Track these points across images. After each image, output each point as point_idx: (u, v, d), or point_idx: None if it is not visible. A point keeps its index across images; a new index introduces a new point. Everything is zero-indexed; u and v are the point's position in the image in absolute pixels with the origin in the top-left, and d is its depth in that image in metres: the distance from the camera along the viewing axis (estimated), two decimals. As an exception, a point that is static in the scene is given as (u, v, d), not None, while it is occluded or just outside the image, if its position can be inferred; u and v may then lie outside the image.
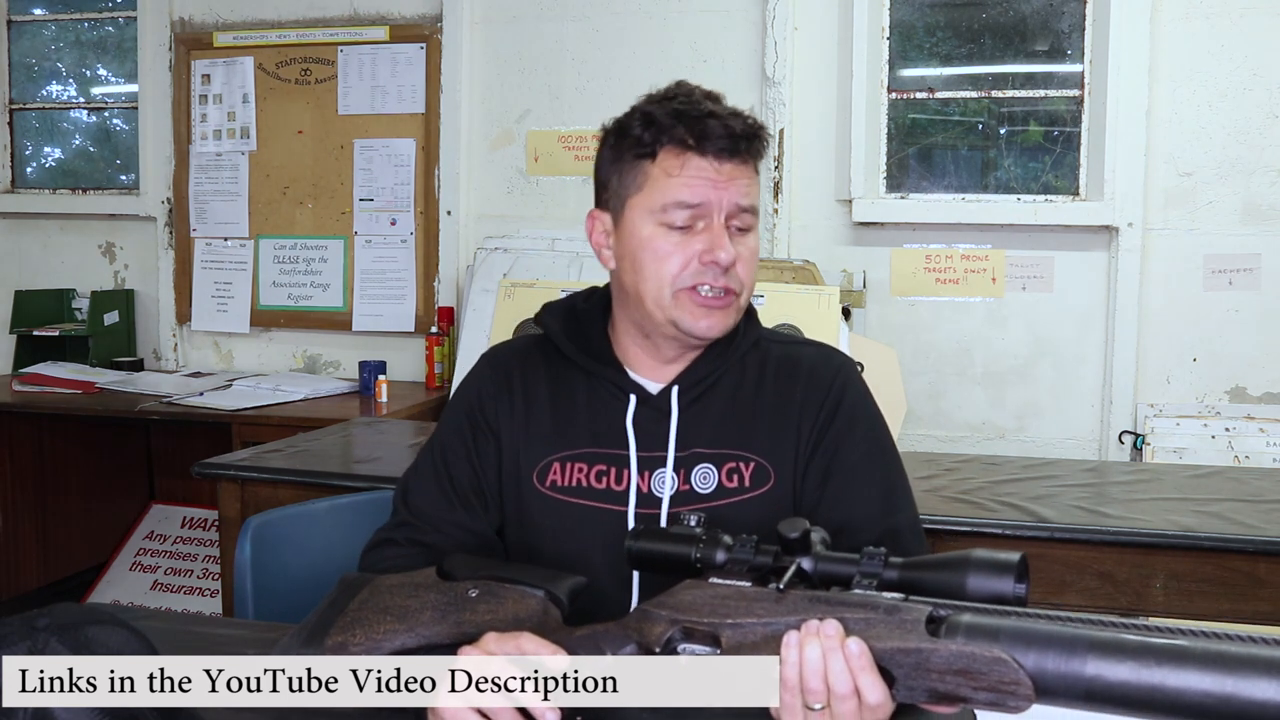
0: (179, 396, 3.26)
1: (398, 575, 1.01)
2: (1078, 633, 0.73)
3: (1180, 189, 3.17)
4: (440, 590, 0.97)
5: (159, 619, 1.29)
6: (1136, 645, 0.71)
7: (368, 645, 0.96)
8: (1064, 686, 0.73)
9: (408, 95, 3.71)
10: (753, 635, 0.85)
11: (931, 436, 3.35)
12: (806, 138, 3.40)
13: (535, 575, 0.98)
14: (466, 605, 0.96)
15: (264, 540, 1.51)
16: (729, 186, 1.13)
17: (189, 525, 3.91)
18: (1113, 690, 0.71)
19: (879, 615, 0.81)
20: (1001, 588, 0.78)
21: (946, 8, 3.43)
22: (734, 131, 1.12)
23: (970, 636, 0.77)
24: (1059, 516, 1.94)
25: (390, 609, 0.97)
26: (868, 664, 0.79)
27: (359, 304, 3.79)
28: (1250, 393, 3.17)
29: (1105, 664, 0.71)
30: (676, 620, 0.88)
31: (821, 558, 0.86)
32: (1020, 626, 0.75)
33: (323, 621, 0.98)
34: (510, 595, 0.96)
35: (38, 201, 4.14)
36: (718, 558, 0.89)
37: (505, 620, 0.95)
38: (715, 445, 1.16)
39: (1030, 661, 0.74)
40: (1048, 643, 0.74)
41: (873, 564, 0.83)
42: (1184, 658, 0.69)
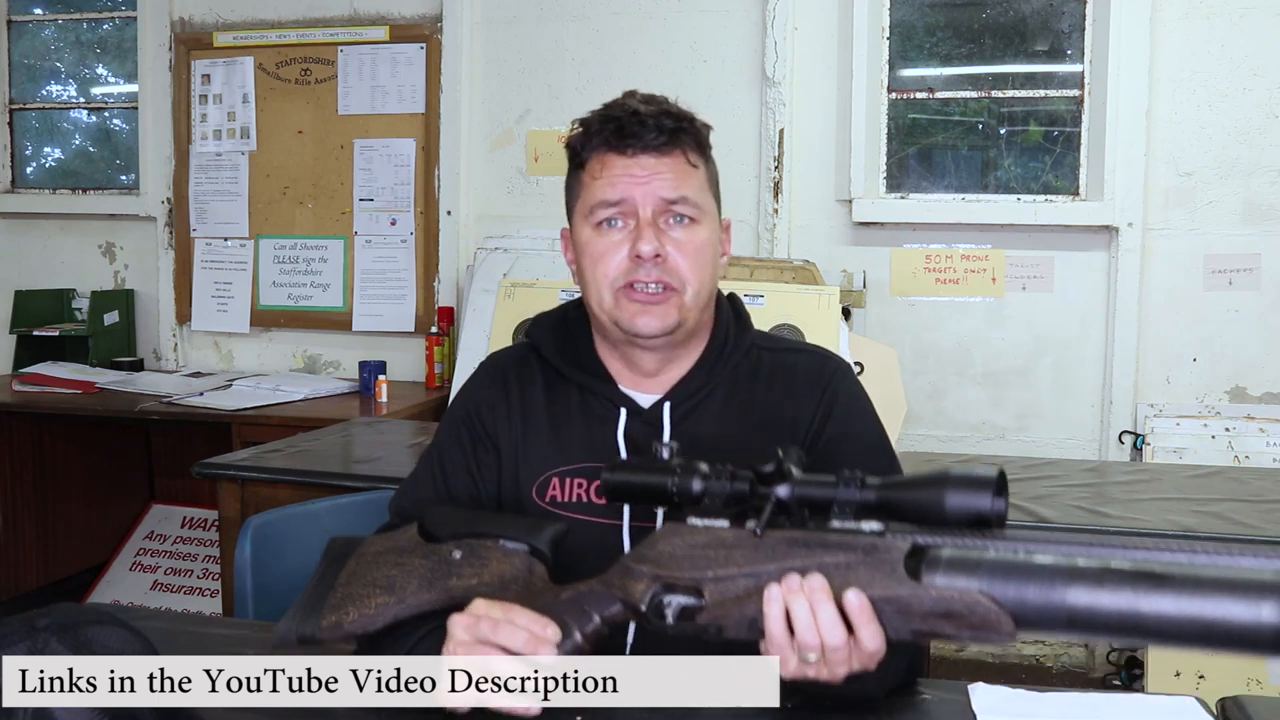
0: (179, 396, 3.26)
1: (381, 539, 1.01)
2: (1058, 565, 0.73)
3: (1180, 189, 3.18)
4: (424, 555, 0.97)
5: (159, 619, 1.29)
6: (1116, 573, 0.71)
7: (362, 622, 0.96)
8: (1045, 619, 0.73)
9: (408, 95, 3.71)
10: (735, 588, 0.85)
11: (931, 436, 3.35)
12: (806, 138, 3.40)
13: (516, 528, 0.97)
14: (452, 569, 0.96)
15: (264, 540, 1.51)
16: (651, 181, 1.12)
17: (189, 525, 3.91)
18: (1093, 619, 0.71)
19: (858, 558, 0.81)
20: (980, 504, 0.77)
21: (946, 8, 3.43)
22: (651, 126, 1.12)
23: (950, 577, 0.77)
24: (1059, 516, 1.94)
25: (378, 581, 0.97)
26: (869, 617, 0.79)
27: (359, 304, 3.79)
28: (1250, 393, 3.17)
29: (1085, 593, 0.71)
30: (659, 576, 0.88)
31: (799, 483, 0.85)
32: (999, 563, 0.75)
33: (315, 598, 0.98)
34: (493, 555, 0.96)
35: (38, 201, 4.14)
36: (694, 487, 0.89)
37: (491, 583, 0.94)
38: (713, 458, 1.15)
39: (1010, 598, 0.74)
40: (1027, 578, 0.74)
41: (849, 489, 0.83)
42: (1163, 582, 0.69)
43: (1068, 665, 3.34)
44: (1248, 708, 0.99)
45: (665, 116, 1.13)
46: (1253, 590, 0.66)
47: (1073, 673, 3.31)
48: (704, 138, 1.17)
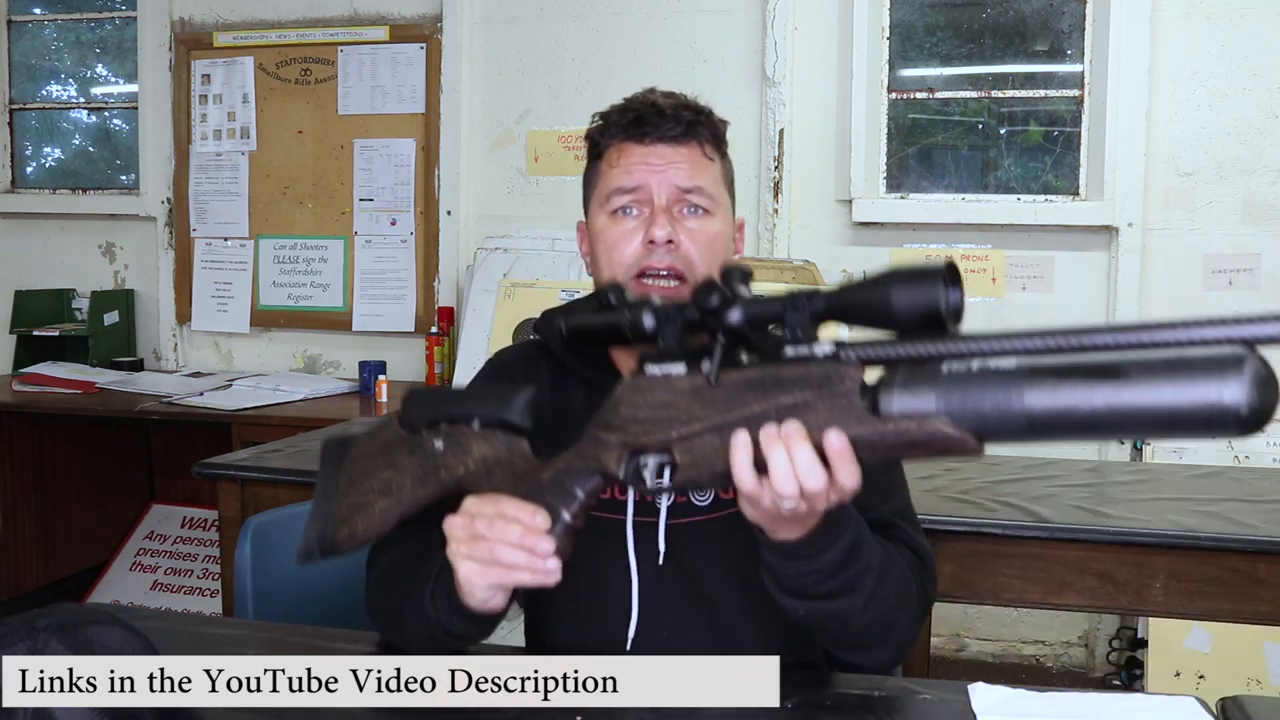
0: (179, 396, 3.26)
1: (368, 439, 1.02)
2: (1012, 373, 0.72)
3: (1180, 189, 3.17)
4: (411, 450, 0.99)
5: (159, 619, 1.29)
6: (1071, 371, 0.70)
7: (372, 528, 1.00)
8: (1007, 430, 0.73)
9: (408, 95, 3.71)
10: (703, 446, 0.85)
11: (931, 436, 3.34)
12: (806, 138, 3.40)
13: (486, 402, 0.98)
14: (438, 461, 0.98)
15: (264, 540, 1.51)
16: (667, 170, 1.13)
17: (189, 525, 3.91)
18: (1054, 421, 0.70)
19: (814, 394, 0.80)
20: (930, 298, 0.75)
21: (946, 8, 3.43)
22: (669, 116, 1.13)
23: (907, 403, 0.76)
24: (1059, 516, 1.94)
25: (375, 486, 1.00)
26: (849, 458, 0.79)
27: (359, 304, 3.79)
28: (1250, 393, 3.17)
29: (1042, 396, 0.70)
30: (627, 443, 0.89)
31: (748, 304, 0.85)
32: (954, 382, 0.74)
33: (325, 510, 1.02)
34: (473, 439, 0.97)
35: (38, 201, 4.14)
36: (646, 321, 0.90)
37: (476, 470, 0.96)
38: None
39: (969, 416, 0.73)
40: (982, 392, 0.73)
41: (797, 308, 0.82)
42: (1120, 375, 0.68)
43: (1068, 665, 3.34)
44: (1248, 708, 0.99)
45: (683, 108, 1.15)
46: (1212, 373, 0.65)
47: (1073, 673, 3.31)
48: (720, 132, 1.19)
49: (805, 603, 0.95)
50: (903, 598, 1.01)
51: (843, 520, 0.93)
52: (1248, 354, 0.65)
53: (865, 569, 0.95)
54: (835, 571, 0.93)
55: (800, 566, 0.92)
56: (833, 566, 0.93)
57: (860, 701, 1.01)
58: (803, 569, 0.92)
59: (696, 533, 1.13)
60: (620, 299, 0.93)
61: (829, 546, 0.92)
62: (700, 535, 1.13)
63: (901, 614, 1.01)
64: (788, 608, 0.96)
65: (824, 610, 0.95)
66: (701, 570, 1.13)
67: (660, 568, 1.13)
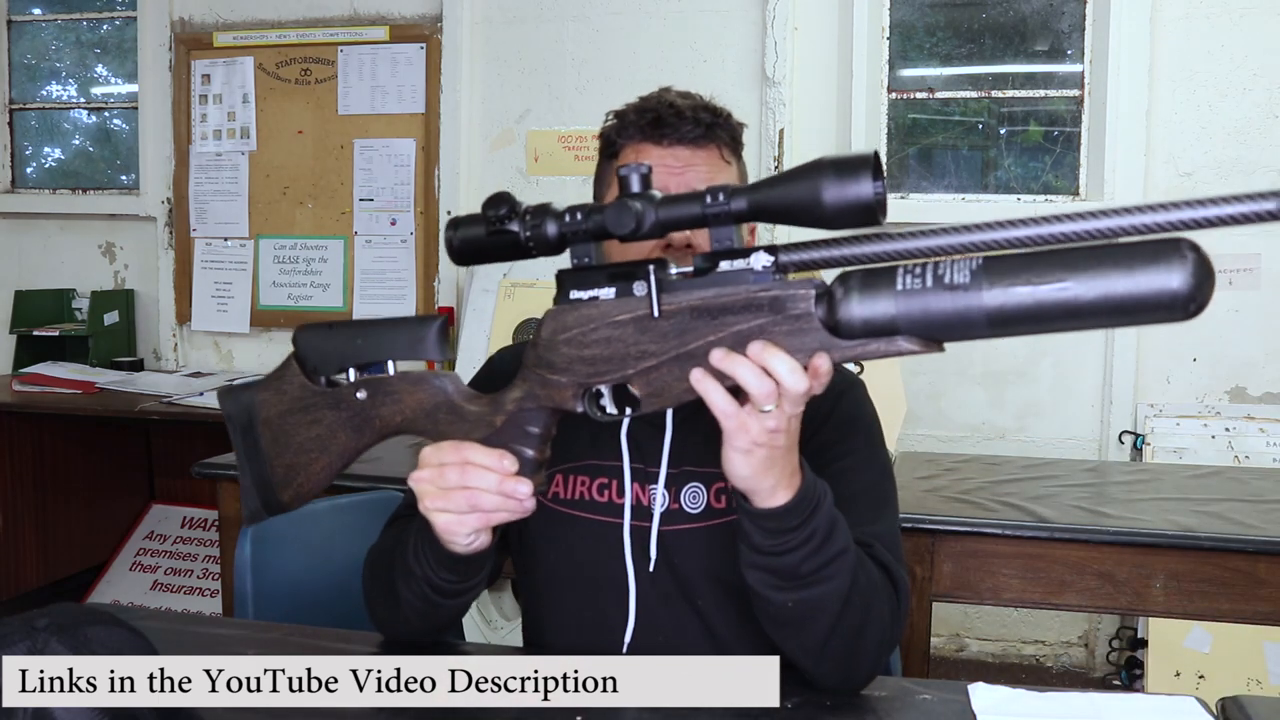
0: (179, 396, 3.26)
1: (271, 395, 0.97)
2: (967, 284, 0.73)
3: (1180, 189, 3.17)
4: (331, 405, 0.94)
5: (159, 619, 1.29)
6: (1023, 266, 0.72)
7: (316, 484, 0.97)
8: (968, 332, 0.74)
9: (408, 95, 3.71)
10: (664, 377, 0.83)
11: (931, 436, 3.35)
12: (806, 138, 3.40)
13: (397, 341, 0.93)
14: (369, 412, 0.94)
15: (264, 540, 1.51)
16: (685, 172, 1.12)
17: (189, 525, 3.91)
18: (1009, 319, 0.72)
19: (769, 317, 0.80)
20: (860, 192, 0.74)
21: (946, 8, 3.43)
22: (688, 118, 1.12)
23: (865, 307, 0.76)
24: (1059, 516, 1.94)
25: (306, 446, 0.96)
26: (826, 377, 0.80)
27: (359, 304, 3.79)
28: (1250, 393, 3.17)
29: (997, 296, 0.72)
30: (580, 384, 0.86)
31: (662, 204, 0.82)
32: (911, 299, 0.74)
33: (259, 475, 0.98)
34: (400, 387, 0.92)
35: (38, 201, 4.14)
36: (550, 231, 0.85)
37: (415, 416, 0.93)
38: (705, 464, 1.13)
39: (932, 329, 0.75)
40: (940, 306, 0.74)
41: (717, 211, 0.80)
42: (1072, 268, 0.70)
43: (1068, 665, 3.34)
44: (1248, 708, 0.99)
45: (702, 110, 1.14)
46: (1160, 260, 0.68)
47: (1073, 673, 3.31)
48: (738, 135, 1.18)
49: (792, 592, 0.94)
50: (873, 597, 1.00)
51: (819, 488, 0.93)
52: (1185, 240, 0.68)
53: (844, 549, 0.95)
54: (821, 545, 0.93)
55: (790, 540, 0.92)
56: (819, 539, 0.92)
57: (860, 701, 1.01)
58: (793, 541, 0.92)
59: (689, 540, 1.13)
60: (513, 207, 0.86)
61: (813, 512, 0.92)
62: (692, 542, 1.13)
63: (872, 621, 0.99)
64: (775, 602, 0.96)
65: (809, 599, 0.94)
66: (694, 577, 1.13)
67: (654, 574, 1.13)
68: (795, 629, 0.97)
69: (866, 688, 1.03)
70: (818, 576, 0.94)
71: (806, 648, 0.99)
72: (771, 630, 1.00)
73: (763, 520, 0.92)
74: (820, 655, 0.98)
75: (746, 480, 0.88)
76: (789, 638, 0.99)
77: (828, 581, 0.94)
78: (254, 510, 0.99)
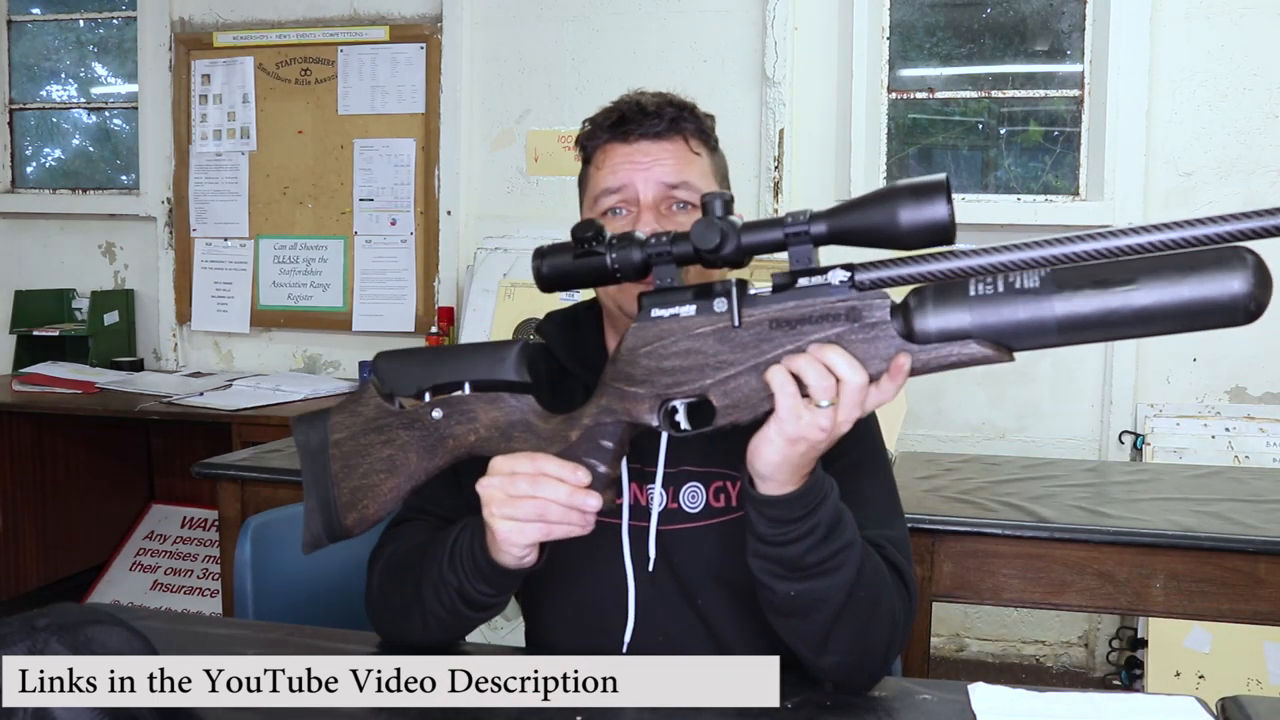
0: (179, 396, 3.26)
1: (347, 418, 0.98)
2: (1038, 289, 0.76)
3: (1180, 189, 3.17)
4: (406, 424, 0.95)
5: (159, 619, 1.29)
6: (1092, 277, 0.75)
7: (381, 507, 0.97)
8: (1039, 340, 0.77)
9: (408, 95, 3.71)
10: (742, 388, 0.85)
11: (931, 436, 3.35)
12: (807, 138, 3.40)
13: (478, 364, 0.95)
14: (443, 432, 0.94)
15: (264, 540, 1.51)
16: (652, 166, 1.12)
17: (189, 525, 3.91)
18: (1080, 326, 0.76)
19: (845, 326, 0.82)
20: (937, 214, 0.78)
21: (946, 8, 3.43)
22: (652, 113, 1.13)
23: (941, 319, 0.79)
24: (1059, 516, 1.94)
25: (377, 466, 0.96)
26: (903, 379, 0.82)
27: (359, 304, 3.79)
28: (1250, 393, 3.17)
29: (1068, 305, 0.76)
30: (660, 395, 0.88)
31: (746, 232, 0.85)
32: (985, 307, 0.78)
33: (323, 499, 0.98)
34: (477, 406, 0.94)
35: (38, 201, 4.14)
36: (635, 257, 0.89)
37: (490, 435, 0.94)
38: (703, 464, 1.14)
39: (1004, 336, 0.78)
40: (1013, 313, 0.77)
41: (798, 235, 0.83)
42: (1137, 277, 0.74)
43: (1068, 665, 3.34)
44: (1248, 708, 0.99)
45: (667, 105, 1.14)
46: (1222, 266, 0.72)
47: (1073, 673, 3.31)
48: (706, 126, 1.18)
49: (795, 583, 0.95)
50: (881, 593, 1.00)
51: (826, 483, 0.94)
52: (1247, 250, 0.73)
53: (849, 544, 0.95)
54: (824, 538, 0.93)
55: (794, 530, 0.92)
56: (823, 532, 0.93)
57: (860, 701, 1.01)
58: (796, 531, 0.92)
59: (688, 538, 1.13)
60: (600, 235, 0.90)
61: (818, 505, 0.92)
62: (691, 541, 1.13)
63: (879, 618, 0.99)
64: (778, 592, 0.96)
65: (811, 591, 0.94)
66: (693, 576, 1.12)
67: (654, 573, 1.13)
68: (798, 619, 0.98)
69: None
70: (821, 568, 0.94)
71: (808, 639, 0.99)
72: (774, 620, 1.00)
73: (767, 508, 0.92)
74: (822, 647, 0.98)
75: (768, 466, 0.89)
76: (791, 628, 0.99)
77: (831, 574, 0.94)
78: (315, 536, 0.99)
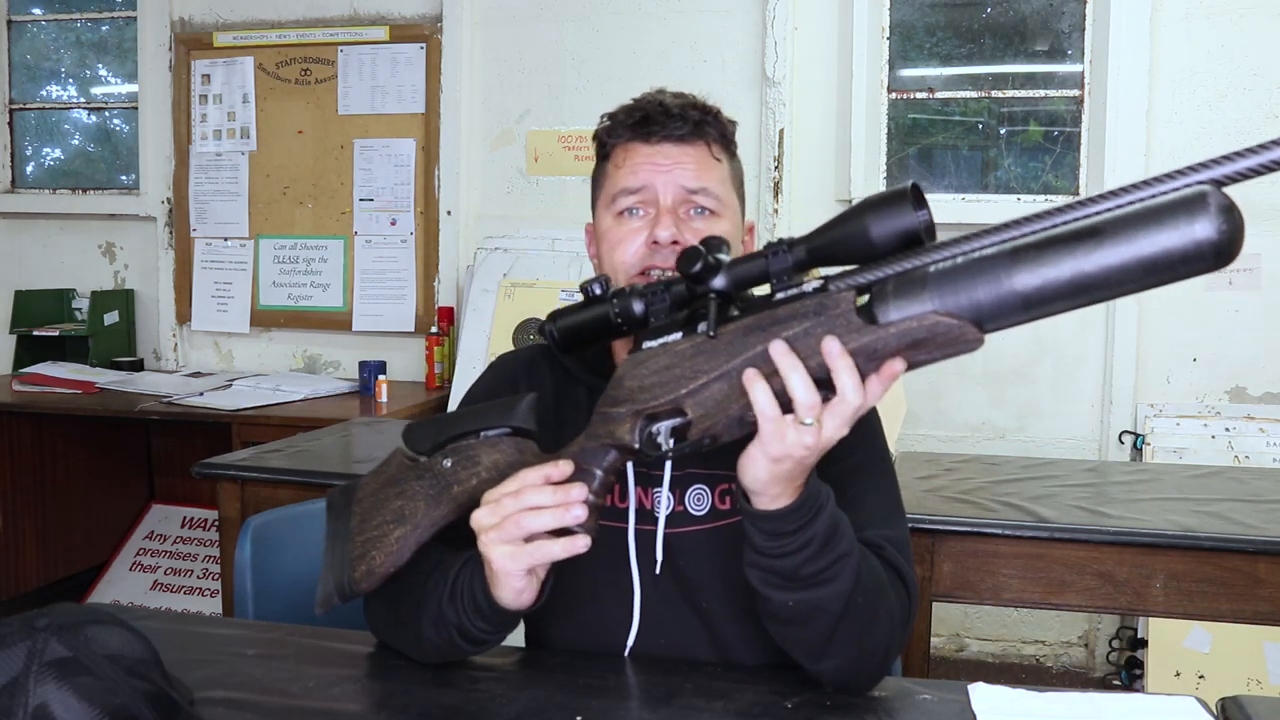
0: (179, 396, 3.26)
1: (374, 477, 1.02)
2: (995, 256, 0.74)
3: (1180, 189, 3.17)
4: (419, 475, 0.99)
5: (159, 619, 1.29)
6: (1052, 243, 0.72)
7: (390, 560, 0.99)
8: (1003, 311, 0.75)
9: (408, 95, 3.71)
10: (714, 393, 0.86)
11: (931, 436, 3.35)
12: (806, 138, 3.40)
13: (490, 415, 0.99)
14: (450, 479, 0.98)
15: (264, 540, 1.51)
16: (673, 170, 1.12)
17: (189, 525, 3.91)
18: (1046, 294, 0.73)
19: (812, 321, 0.82)
20: (904, 222, 0.79)
21: (946, 8, 3.43)
22: (676, 116, 1.12)
23: (901, 307, 0.78)
24: (1059, 516, 1.94)
25: (388, 517, 0.99)
26: (848, 362, 0.81)
27: (359, 304, 3.79)
28: (1250, 393, 3.17)
29: (1030, 274, 0.73)
30: (637, 410, 0.90)
31: (730, 267, 0.88)
32: (941, 276, 0.76)
33: (339, 555, 1.01)
34: (480, 449, 0.97)
35: (38, 201, 4.14)
36: (635, 308, 0.93)
37: (490, 477, 0.96)
38: (709, 465, 1.13)
39: (964, 306, 0.75)
40: (971, 281, 0.75)
41: (779, 258, 0.86)
42: (1098, 236, 0.71)
43: (1068, 665, 3.34)
44: (1248, 708, 0.99)
45: (691, 108, 1.14)
46: (1180, 214, 0.68)
47: (1073, 673, 3.31)
48: (729, 132, 1.18)
49: (793, 593, 0.94)
50: (879, 598, 1.00)
51: (822, 495, 0.94)
52: (1209, 189, 0.70)
53: (846, 553, 0.95)
54: (820, 550, 0.93)
55: (789, 543, 0.92)
56: (819, 544, 0.93)
57: (860, 701, 1.00)
58: (792, 545, 0.92)
59: (693, 542, 1.12)
60: (605, 288, 0.94)
61: (813, 518, 0.92)
62: (697, 544, 1.12)
63: (878, 622, 0.99)
64: (775, 601, 0.96)
65: (810, 600, 0.94)
66: (699, 579, 1.12)
67: (658, 576, 1.12)
68: (796, 627, 0.98)
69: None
70: (818, 579, 0.94)
71: (807, 646, 0.99)
72: (772, 627, 1.00)
73: (762, 522, 0.92)
74: (821, 654, 0.98)
75: (758, 483, 0.90)
76: (789, 636, 0.99)
77: (828, 584, 0.94)
78: (328, 594, 1.02)
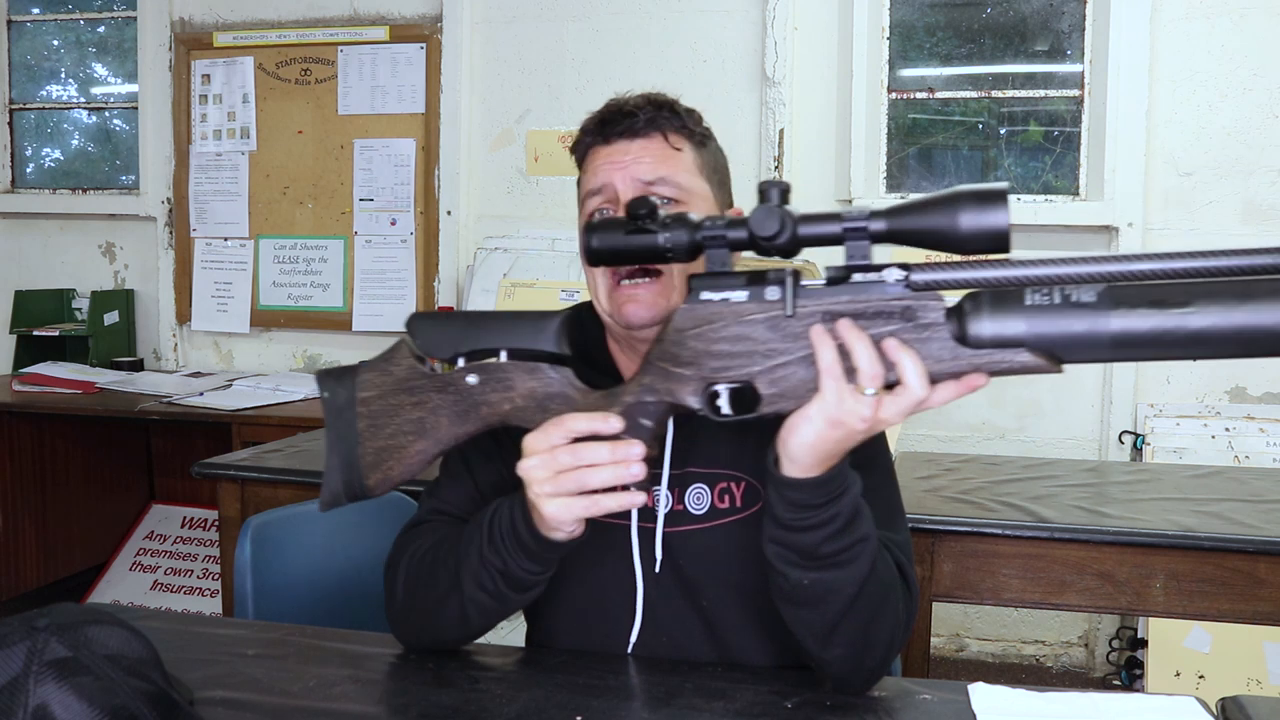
0: (179, 396, 3.26)
1: (377, 376, 0.97)
2: (1095, 305, 0.76)
3: (1180, 189, 3.17)
4: (439, 388, 0.94)
5: (159, 619, 1.29)
6: (1149, 291, 0.75)
7: (407, 470, 0.96)
8: (1091, 354, 0.77)
9: (408, 95, 3.71)
10: (792, 379, 0.85)
11: (931, 436, 3.35)
12: (806, 138, 3.40)
13: (517, 332, 0.94)
14: (476, 398, 0.93)
15: (264, 540, 1.51)
16: (630, 165, 1.12)
17: (189, 525, 3.91)
18: (1135, 340, 0.75)
19: (899, 325, 0.82)
20: (997, 221, 0.78)
21: (946, 8, 3.43)
22: (629, 113, 1.12)
23: (996, 336, 0.79)
24: (1059, 516, 1.94)
25: (405, 428, 0.95)
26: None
27: (359, 304, 3.79)
28: (1250, 393, 3.17)
29: (1126, 319, 0.75)
30: (704, 378, 0.87)
31: (804, 221, 0.84)
32: (1041, 317, 0.77)
33: (346, 455, 0.96)
34: (514, 373, 0.93)
35: (38, 201, 4.14)
36: (689, 239, 0.88)
37: (526, 405, 0.93)
38: (708, 465, 1.14)
39: (1057, 347, 0.77)
40: (1069, 325, 0.76)
41: (856, 236, 0.83)
42: (1195, 294, 0.74)
43: (1068, 665, 3.34)
44: (1248, 708, 0.99)
45: (646, 104, 1.14)
46: (1277, 298, 0.72)
47: (1073, 673, 3.31)
48: (690, 123, 1.16)
49: (810, 572, 0.94)
50: (890, 591, 1.00)
51: (850, 476, 0.93)
52: None
53: (866, 537, 0.95)
54: (843, 529, 0.93)
55: (813, 516, 0.92)
56: (842, 522, 0.93)
57: (860, 701, 1.01)
58: (815, 519, 0.92)
59: (693, 541, 1.13)
60: (654, 213, 0.89)
61: (840, 495, 0.92)
62: (697, 543, 1.12)
63: (885, 615, 1.00)
64: (791, 579, 0.95)
65: (824, 582, 0.94)
66: (698, 577, 1.12)
67: (659, 574, 1.12)
68: (808, 609, 0.97)
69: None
70: (836, 559, 0.94)
71: (816, 629, 0.98)
72: (784, 608, 1.00)
73: (790, 490, 0.91)
74: (828, 639, 0.98)
75: (801, 446, 0.88)
76: (800, 617, 0.99)
77: (846, 566, 0.94)
78: (334, 494, 0.98)
